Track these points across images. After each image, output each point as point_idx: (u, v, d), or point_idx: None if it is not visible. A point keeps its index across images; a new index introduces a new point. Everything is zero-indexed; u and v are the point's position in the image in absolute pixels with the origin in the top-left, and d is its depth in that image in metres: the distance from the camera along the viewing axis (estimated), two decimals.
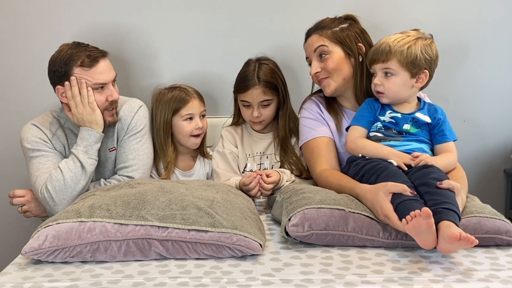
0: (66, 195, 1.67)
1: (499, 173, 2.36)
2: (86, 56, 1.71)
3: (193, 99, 1.92)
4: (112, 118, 1.81)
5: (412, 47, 1.57)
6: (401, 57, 1.57)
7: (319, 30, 1.77)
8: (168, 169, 1.92)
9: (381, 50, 1.60)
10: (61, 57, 1.72)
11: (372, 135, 1.65)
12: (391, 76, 1.60)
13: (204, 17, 2.19)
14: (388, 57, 1.58)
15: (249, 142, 2.01)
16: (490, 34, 2.24)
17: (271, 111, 1.94)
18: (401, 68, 1.58)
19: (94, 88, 1.74)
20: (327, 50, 1.75)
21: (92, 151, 1.73)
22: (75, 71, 1.70)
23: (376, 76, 1.63)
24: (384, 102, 1.65)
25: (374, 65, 1.63)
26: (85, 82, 1.71)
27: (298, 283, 1.16)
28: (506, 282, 1.16)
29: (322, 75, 1.77)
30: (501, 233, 1.36)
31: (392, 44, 1.58)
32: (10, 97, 2.21)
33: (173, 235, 1.30)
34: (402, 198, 1.34)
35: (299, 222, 1.35)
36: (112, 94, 1.77)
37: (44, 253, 1.28)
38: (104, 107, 1.77)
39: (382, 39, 1.64)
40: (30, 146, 1.75)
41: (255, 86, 1.87)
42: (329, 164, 1.73)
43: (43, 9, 2.16)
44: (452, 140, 1.64)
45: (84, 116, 1.72)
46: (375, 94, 1.66)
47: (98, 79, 1.73)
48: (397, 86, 1.61)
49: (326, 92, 1.79)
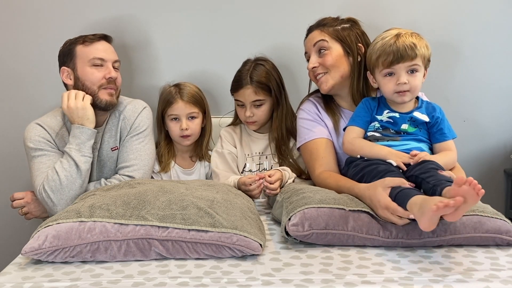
0: (63, 194, 1.67)
1: (499, 173, 2.36)
2: (89, 37, 1.81)
3: (179, 101, 1.92)
4: (109, 98, 1.81)
5: (427, 45, 1.58)
6: (424, 54, 1.56)
7: (321, 27, 1.78)
8: (164, 164, 1.95)
9: (405, 48, 1.54)
10: (69, 40, 1.84)
11: (369, 135, 1.64)
12: (416, 73, 1.58)
13: (204, 17, 2.19)
14: (416, 54, 1.55)
15: (248, 142, 2.01)
16: (490, 34, 2.24)
17: (264, 111, 1.94)
18: (422, 63, 1.58)
19: (93, 64, 1.78)
20: (327, 46, 1.75)
21: (85, 148, 1.72)
22: (77, 49, 1.79)
23: (401, 76, 1.56)
24: (406, 100, 1.61)
25: (399, 64, 1.56)
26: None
27: (298, 283, 1.16)
28: (506, 282, 1.16)
29: (320, 71, 1.77)
30: (501, 233, 1.37)
31: (415, 41, 1.55)
32: (12, 97, 2.21)
33: (173, 235, 1.30)
34: (401, 188, 1.34)
35: (299, 222, 1.35)
36: (110, 72, 1.80)
37: (44, 253, 1.28)
38: (100, 83, 1.78)
39: (383, 40, 1.59)
40: (33, 145, 1.76)
41: (247, 86, 1.88)
42: (328, 166, 1.73)
43: (44, 10, 2.16)
44: (451, 138, 1.64)
45: (75, 111, 1.73)
46: (396, 96, 1.60)
47: (97, 54, 1.79)
48: (420, 82, 1.60)
49: (323, 89, 1.79)
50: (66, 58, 1.81)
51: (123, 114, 1.87)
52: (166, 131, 2.00)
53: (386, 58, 1.56)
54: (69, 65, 1.81)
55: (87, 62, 1.78)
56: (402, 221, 1.33)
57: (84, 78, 1.78)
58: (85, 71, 1.78)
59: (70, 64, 1.81)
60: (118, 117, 1.87)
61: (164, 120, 1.98)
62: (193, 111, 1.95)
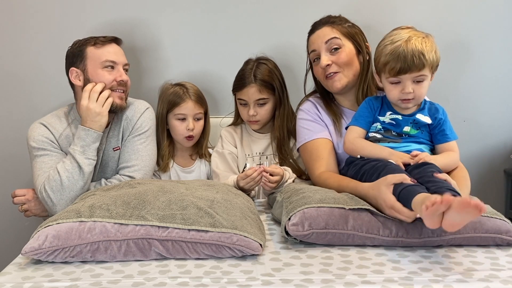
0: (64, 195, 1.67)
1: (499, 173, 2.36)
2: (100, 39, 1.81)
3: (188, 100, 1.92)
4: (120, 102, 1.82)
5: (436, 50, 1.53)
6: (433, 62, 1.52)
7: (330, 24, 1.75)
8: (164, 163, 1.94)
9: (413, 58, 1.49)
10: (79, 41, 1.83)
11: (371, 136, 1.64)
12: (422, 82, 1.54)
13: (205, 17, 2.19)
14: (424, 64, 1.50)
15: (249, 142, 2.01)
16: (490, 34, 2.24)
17: (267, 110, 1.94)
18: (430, 71, 1.55)
19: (104, 67, 1.78)
20: (340, 43, 1.73)
21: (90, 151, 1.72)
22: (88, 51, 1.79)
23: (406, 85, 1.53)
24: (410, 107, 1.59)
25: (405, 74, 1.52)
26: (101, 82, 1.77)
27: (298, 283, 1.16)
28: (506, 282, 1.16)
29: (332, 69, 1.74)
30: (501, 233, 1.37)
31: (424, 49, 1.49)
32: (13, 97, 2.22)
33: (173, 235, 1.30)
34: (404, 185, 1.33)
35: (299, 222, 1.35)
36: (121, 75, 1.80)
37: (44, 253, 1.27)
38: (111, 86, 1.79)
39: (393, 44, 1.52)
40: (36, 145, 1.76)
41: (251, 84, 1.88)
42: (328, 167, 1.72)
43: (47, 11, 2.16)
44: (453, 139, 1.63)
45: (91, 114, 1.73)
46: (399, 103, 1.58)
47: (108, 56, 1.79)
48: (425, 90, 1.57)
49: (336, 87, 1.75)
50: (76, 59, 1.80)
51: (125, 114, 1.87)
52: (167, 131, 2.00)
53: (394, 67, 1.51)
54: (79, 66, 1.80)
55: (98, 64, 1.78)
56: (410, 218, 1.32)
57: (94, 80, 1.78)
58: (96, 73, 1.78)
59: (80, 65, 1.80)
60: (120, 117, 1.87)
61: (167, 119, 1.97)
62: (199, 112, 1.96)
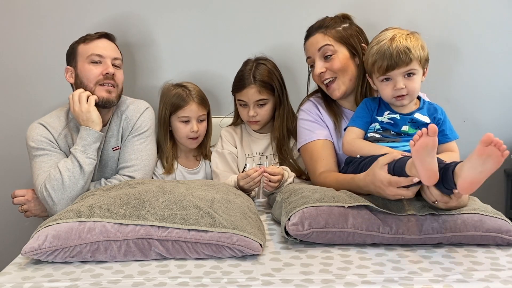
0: (64, 194, 1.67)
1: (499, 173, 2.36)
2: (90, 35, 1.82)
3: (192, 103, 1.92)
4: (106, 95, 1.79)
5: (423, 44, 1.55)
6: (420, 56, 1.54)
7: (323, 29, 1.74)
8: (169, 165, 1.93)
9: (398, 54, 1.51)
10: (75, 40, 1.85)
11: (369, 136, 1.63)
12: (413, 76, 1.56)
13: (204, 17, 2.20)
14: (411, 59, 1.52)
15: (249, 142, 2.01)
16: (490, 34, 2.24)
17: (267, 111, 1.94)
18: (419, 66, 1.56)
19: (92, 61, 1.78)
20: (333, 50, 1.72)
21: (91, 150, 1.72)
22: (79, 48, 1.81)
23: (397, 81, 1.54)
24: (405, 104, 1.59)
25: (394, 71, 1.54)
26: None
27: (298, 283, 1.16)
28: (506, 282, 1.16)
29: (327, 76, 1.74)
30: (501, 232, 1.37)
31: (409, 45, 1.52)
32: (13, 97, 2.22)
33: (173, 235, 1.30)
34: (394, 161, 1.35)
35: (298, 221, 1.35)
36: (107, 68, 1.79)
37: (44, 253, 1.27)
38: (97, 80, 1.78)
39: (378, 44, 1.55)
40: (35, 144, 1.76)
41: (251, 85, 1.88)
42: (328, 167, 1.72)
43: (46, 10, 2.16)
44: (453, 139, 1.63)
45: (81, 114, 1.73)
46: (394, 100, 1.59)
47: (95, 50, 1.79)
48: (418, 84, 1.57)
49: (335, 95, 1.76)
50: (70, 58, 1.84)
51: (125, 114, 1.87)
52: (170, 133, 1.99)
53: (381, 65, 1.54)
54: (72, 63, 1.82)
55: (86, 59, 1.79)
56: (411, 191, 1.33)
57: (82, 75, 1.79)
58: (84, 68, 1.79)
59: (72, 63, 1.82)
60: (120, 117, 1.87)
61: (170, 121, 1.96)
62: (203, 113, 1.96)
